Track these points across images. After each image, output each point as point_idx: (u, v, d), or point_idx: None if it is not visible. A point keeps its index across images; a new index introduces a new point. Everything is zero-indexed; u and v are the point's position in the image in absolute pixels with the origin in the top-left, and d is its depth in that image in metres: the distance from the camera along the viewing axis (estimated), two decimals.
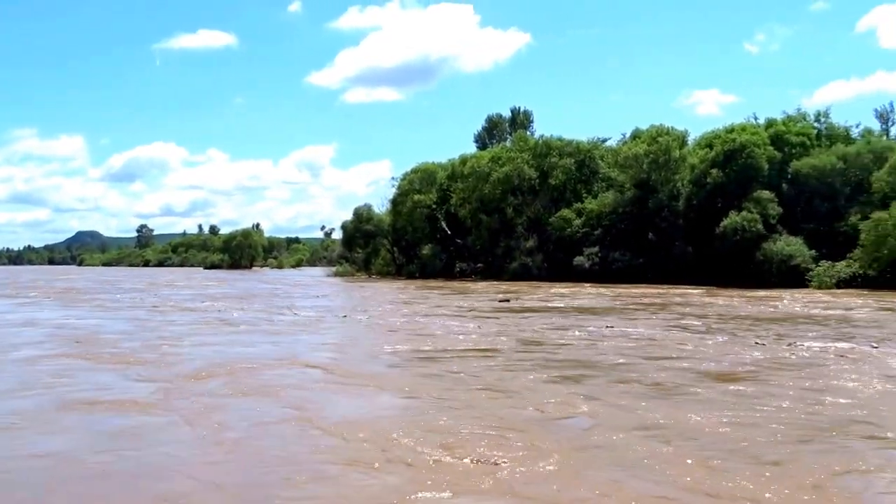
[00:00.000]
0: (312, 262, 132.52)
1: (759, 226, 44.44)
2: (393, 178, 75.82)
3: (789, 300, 30.71)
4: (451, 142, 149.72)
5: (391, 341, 16.31)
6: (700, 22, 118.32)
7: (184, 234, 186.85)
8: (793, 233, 44.60)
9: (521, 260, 53.77)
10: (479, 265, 59.45)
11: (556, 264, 51.98)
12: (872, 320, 21.65)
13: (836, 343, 15.58)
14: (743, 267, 44.25)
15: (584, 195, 55.05)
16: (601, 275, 48.27)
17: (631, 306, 27.62)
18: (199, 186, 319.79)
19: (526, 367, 12.46)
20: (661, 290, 38.17)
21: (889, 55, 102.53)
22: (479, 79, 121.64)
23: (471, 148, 73.65)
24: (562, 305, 28.38)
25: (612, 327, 18.97)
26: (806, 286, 40.98)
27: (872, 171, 44.83)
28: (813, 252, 43.12)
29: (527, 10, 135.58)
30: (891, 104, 57.10)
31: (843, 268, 41.40)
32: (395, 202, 66.93)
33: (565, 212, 53.79)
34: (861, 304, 28.26)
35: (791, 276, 42.35)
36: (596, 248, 50.52)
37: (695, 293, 36.11)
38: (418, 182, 64.98)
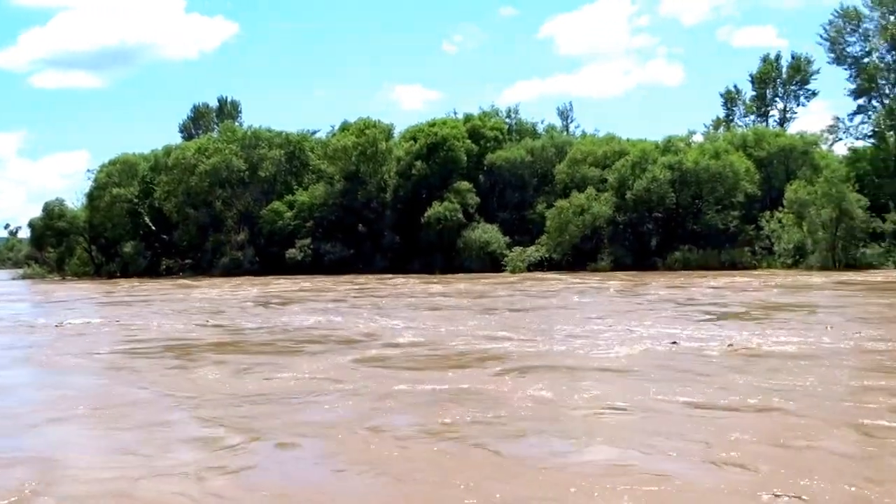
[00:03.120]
0: None
1: (460, 215, 47.09)
2: (89, 171, 69.67)
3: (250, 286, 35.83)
4: (155, 132, 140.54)
5: None
6: (403, 19, 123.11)
7: None
8: (489, 221, 47.83)
9: (232, 255, 52.07)
10: (187, 261, 56.67)
11: (269, 258, 51.05)
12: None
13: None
14: (447, 254, 46.68)
15: (296, 187, 54.57)
16: (314, 267, 48.23)
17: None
18: None
19: None
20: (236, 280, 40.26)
21: (567, 60, 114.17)
22: (184, 67, 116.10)
23: (176, 139, 69.76)
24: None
25: None
26: (502, 270, 44.18)
27: (555, 163, 49.45)
28: (507, 239, 46.59)
29: None
30: (570, 103, 63.60)
31: (532, 252, 45.18)
32: (92, 196, 61.50)
33: (276, 204, 52.95)
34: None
35: (490, 262, 45.41)
36: (308, 241, 50.32)
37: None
38: (118, 175, 60.28)
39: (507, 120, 55.95)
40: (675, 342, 12.29)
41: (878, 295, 21.89)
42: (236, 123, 64.23)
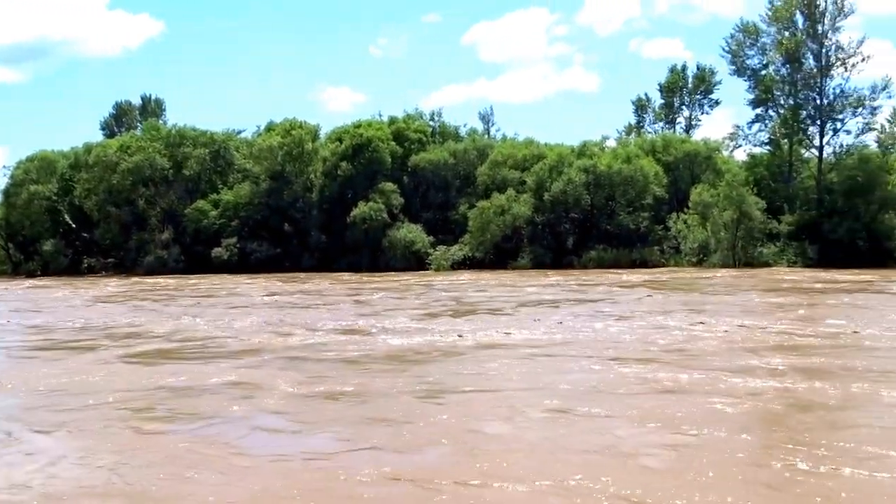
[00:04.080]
0: None
1: (385, 215, 48.45)
2: (5, 167, 68.20)
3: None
4: (75, 129, 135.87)
5: None
6: (330, 22, 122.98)
7: None
8: (413, 221, 49.35)
9: (157, 253, 52.06)
10: (109, 260, 56.29)
11: (194, 257, 51.26)
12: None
13: None
14: (373, 253, 47.99)
15: (221, 186, 54.89)
16: (240, 266, 48.78)
17: None
18: None
19: None
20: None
21: (488, 66, 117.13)
22: (106, 64, 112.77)
23: (97, 136, 68.83)
24: None
25: None
26: (427, 269, 45.76)
27: (477, 165, 51.31)
28: (431, 238, 48.21)
29: None
30: (490, 108, 65.99)
31: (455, 251, 46.93)
32: (9, 194, 60.42)
33: (201, 203, 53.15)
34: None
35: (415, 261, 46.95)
36: (234, 240, 50.79)
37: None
38: (36, 172, 59.34)
39: (431, 123, 57.57)
40: (460, 335, 13.79)
41: (683, 291, 24.66)
42: (160, 122, 63.89)
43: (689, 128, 57.80)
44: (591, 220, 46.73)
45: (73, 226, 58.80)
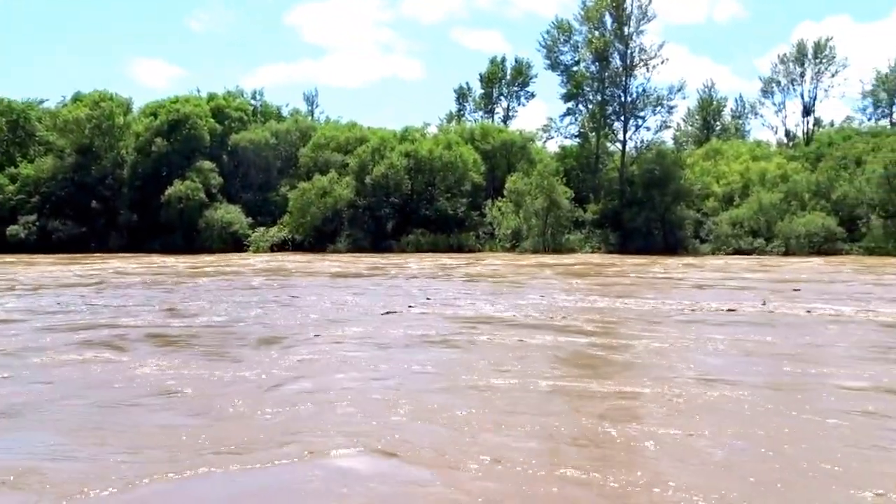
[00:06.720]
0: None
1: (202, 194, 47.01)
2: None
3: None
4: None
5: None
6: None
7: None
8: (232, 201, 48.22)
9: None
10: None
11: None
12: None
13: None
14: (189, 234, 46.41)
15: (20, 159, 51.00)
16: (40, 246, 45.63)
17: None
18: None
19: None
20: None
21: (312, 47, 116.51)
22: None
23: None
24: None
25: None
26: (246, 251, 44.87)
27: (299, 147, 50.84)
28: (250, 219, 47.32)
29: None
30: (315, 90, 65.65)
31: (275, 233, 46.34)
32: None
33: None
34: None
35: (233, 242, 45.89)
36: (34, 217, 47.45)
37: None
38: None
39: (253, 102, 56.45)
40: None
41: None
42: None
43: (506, 118, 60.13)
44: (411, 204, 47.52)
45: None
